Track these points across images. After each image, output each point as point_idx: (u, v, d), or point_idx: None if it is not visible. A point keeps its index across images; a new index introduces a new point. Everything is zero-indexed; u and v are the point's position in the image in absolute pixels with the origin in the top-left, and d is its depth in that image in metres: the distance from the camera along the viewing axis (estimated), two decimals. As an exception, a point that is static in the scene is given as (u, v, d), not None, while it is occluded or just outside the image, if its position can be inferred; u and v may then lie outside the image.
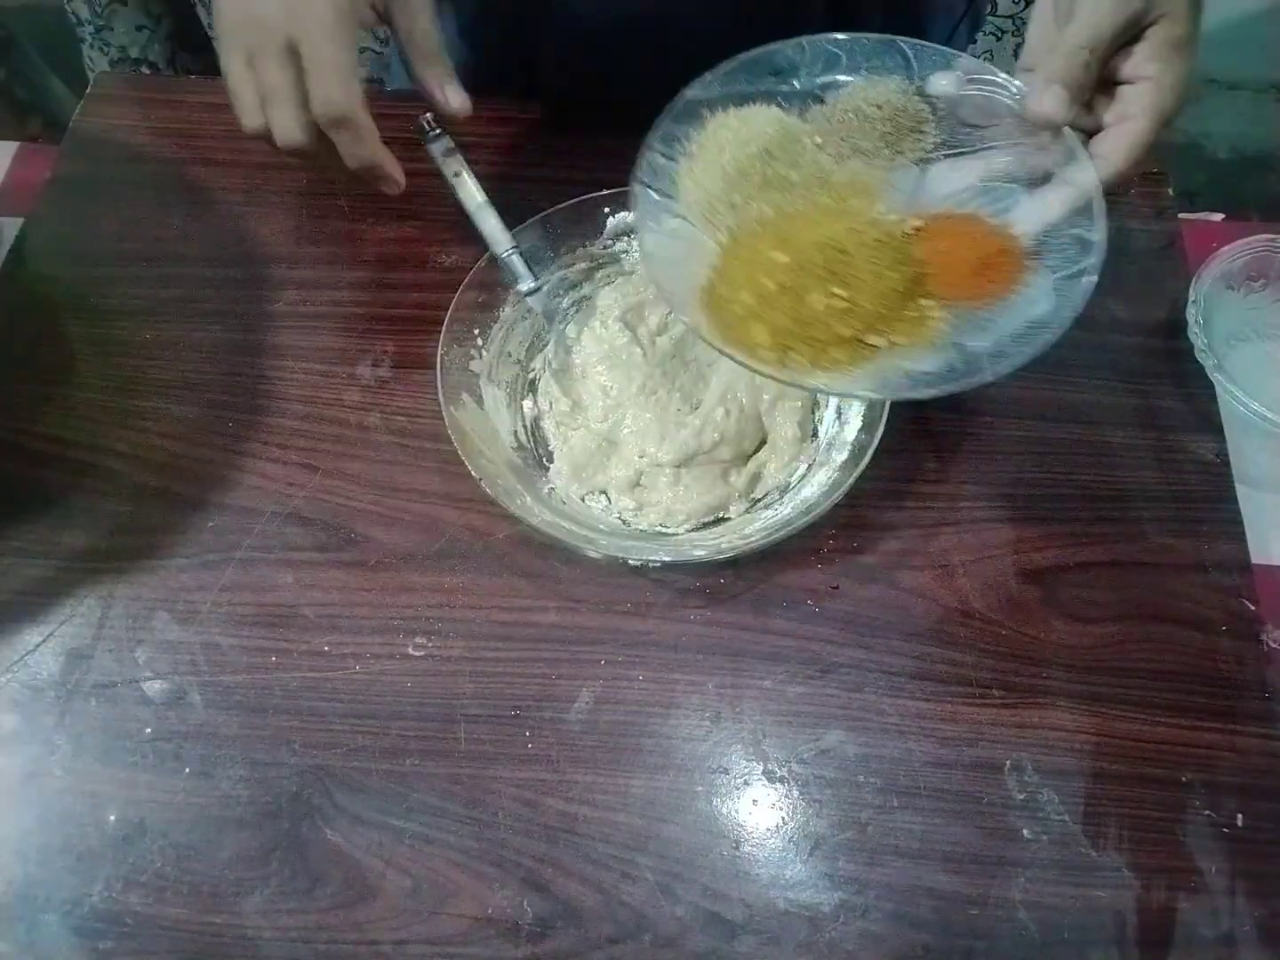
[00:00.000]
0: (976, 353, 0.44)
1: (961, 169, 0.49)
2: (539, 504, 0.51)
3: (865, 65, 0.51)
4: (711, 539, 0.52)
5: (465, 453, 0.49)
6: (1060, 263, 0.46)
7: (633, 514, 0.54)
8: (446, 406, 0.51)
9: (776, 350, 0.44)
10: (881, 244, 0.46)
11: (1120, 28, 0.44)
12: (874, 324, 0.44)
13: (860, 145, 0.50)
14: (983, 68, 0.49)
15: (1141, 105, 0.45)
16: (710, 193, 0.48)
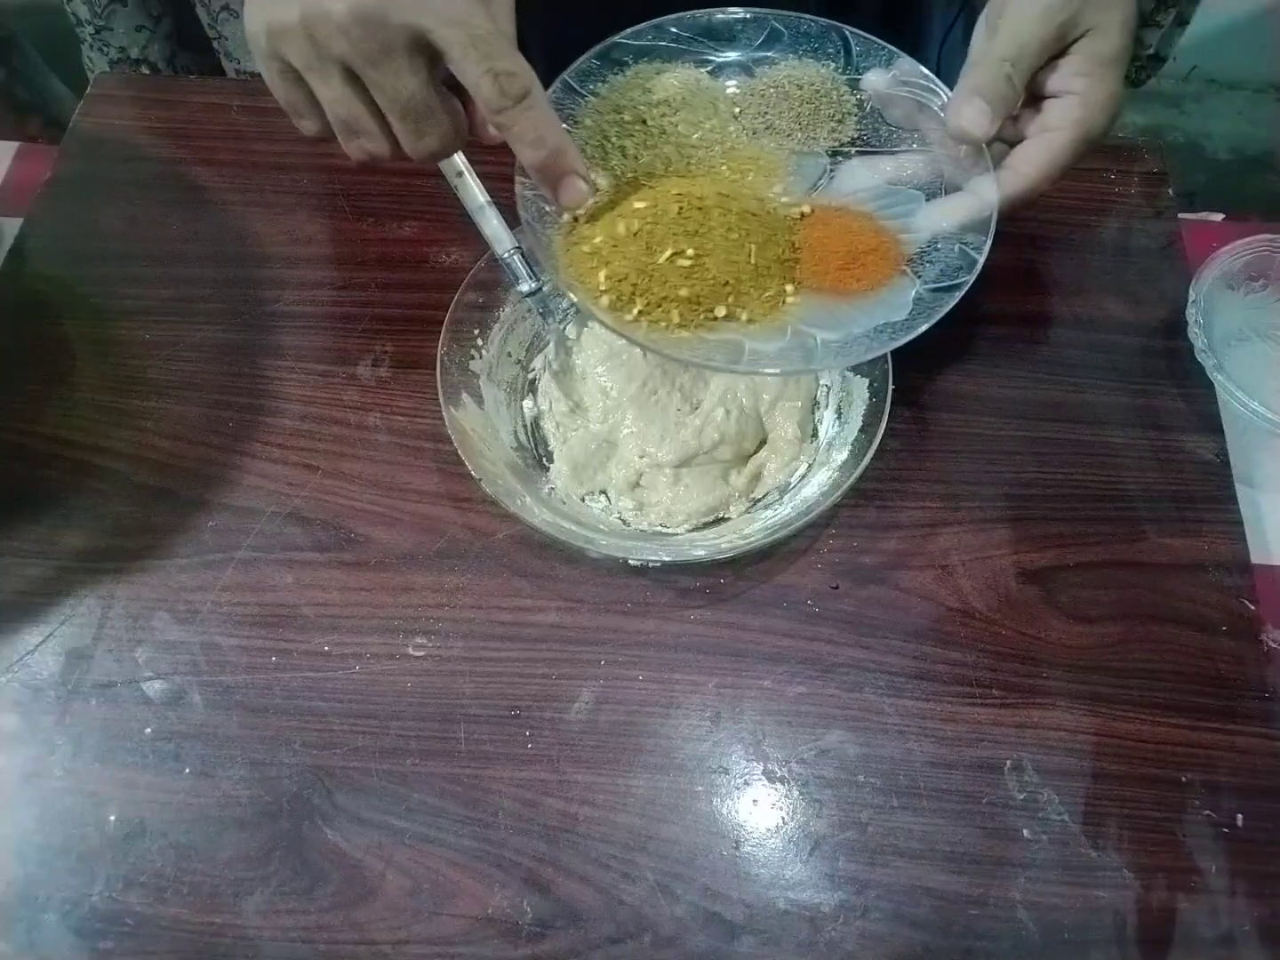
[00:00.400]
0: (815, 344, 0.44)
1: (872, 168, 0.49)
2: (539, 504, 0.51)
3: (804, 47, 0.50)
4: (711, 539, 0.52)
5: (465, 453, 0.49)
6: (936, 275, 0.45)
7: (633, 514, 0.54)
8: (446, 406, 0.50)
9: (613, 295, 0.43)
10: (752, 217, 0.45)
11: (1045, 41, 0.43)
12: (720, 293, 0.44)
13: (775, 123, 0.49)
14: (921, 72, 0.48)
15: (1063, 119, 0.43)
16: (605, 135, 0.47)
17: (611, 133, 0.48)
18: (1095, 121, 0.43)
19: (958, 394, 0.57)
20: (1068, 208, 0.64)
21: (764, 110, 0.49)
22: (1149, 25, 0.72)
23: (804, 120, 0.49)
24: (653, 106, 0.48)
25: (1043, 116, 0.44)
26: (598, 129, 0.48)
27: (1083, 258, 0.63)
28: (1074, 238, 0.63)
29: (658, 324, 0.43)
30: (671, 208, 0.44)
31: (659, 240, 0.44)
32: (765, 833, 0.46)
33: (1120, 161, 0.66)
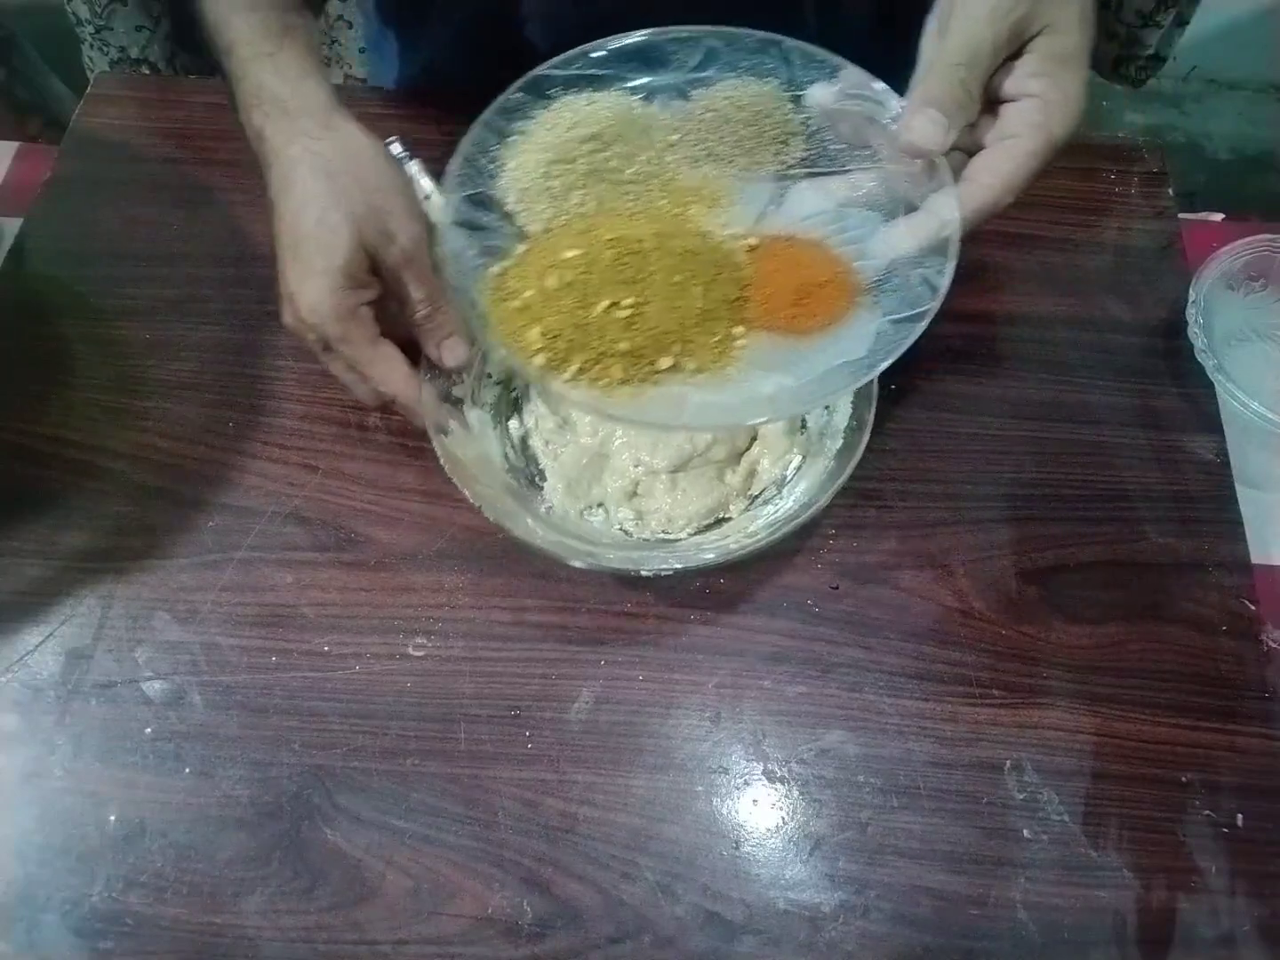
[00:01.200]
0: (763, 391, 0.41)
1: (822, 190, 0.45)
2: (540, 524, 0.50)
3: (743, 64, 0.46)
4: (717, 540, 0.51)
5: (461, 481, 0.47)
6: (898, 304, 0.42)
7: (633, 524, 0.53)
8: (436, 437, 0.48)
9: (548, 353, 0.40)
10: (695, 256, 0.42)
11: (998, 42, 0.40)
12: (664, 342, 0.41)
13: (715, 149, 0.46)
14: (869, 83, 0.44)
15: (1024, 124, 0.40)
16: (532, 175, 0.44)
17: (539, 174, 0.44)
18: (1058, 124, 0.40)
19: (958, 394, 0.57)
20: (1068, 208, 0.64)
21: (703, 136, 0.46)
22: (1149, 25, 0.72)
23: (746, 144, 0.46)
24: (582, 144, 0.44)
25: (1002, 122, 0.41)
26: (524, 170, 0.44)
27: (1083, 258, 0.63)
28: (1074, 238, 0.63)
29: (598, 382, 0.40)
30: (605, 255, 0.41)
31: (594, 291, 0.41)
32: (765, 833, 0.46)
33: (1120, 161, 0.66)
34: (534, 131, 0.45)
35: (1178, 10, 0.71)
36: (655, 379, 0.41)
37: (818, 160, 0.46)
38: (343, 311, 0.44)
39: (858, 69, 0.45)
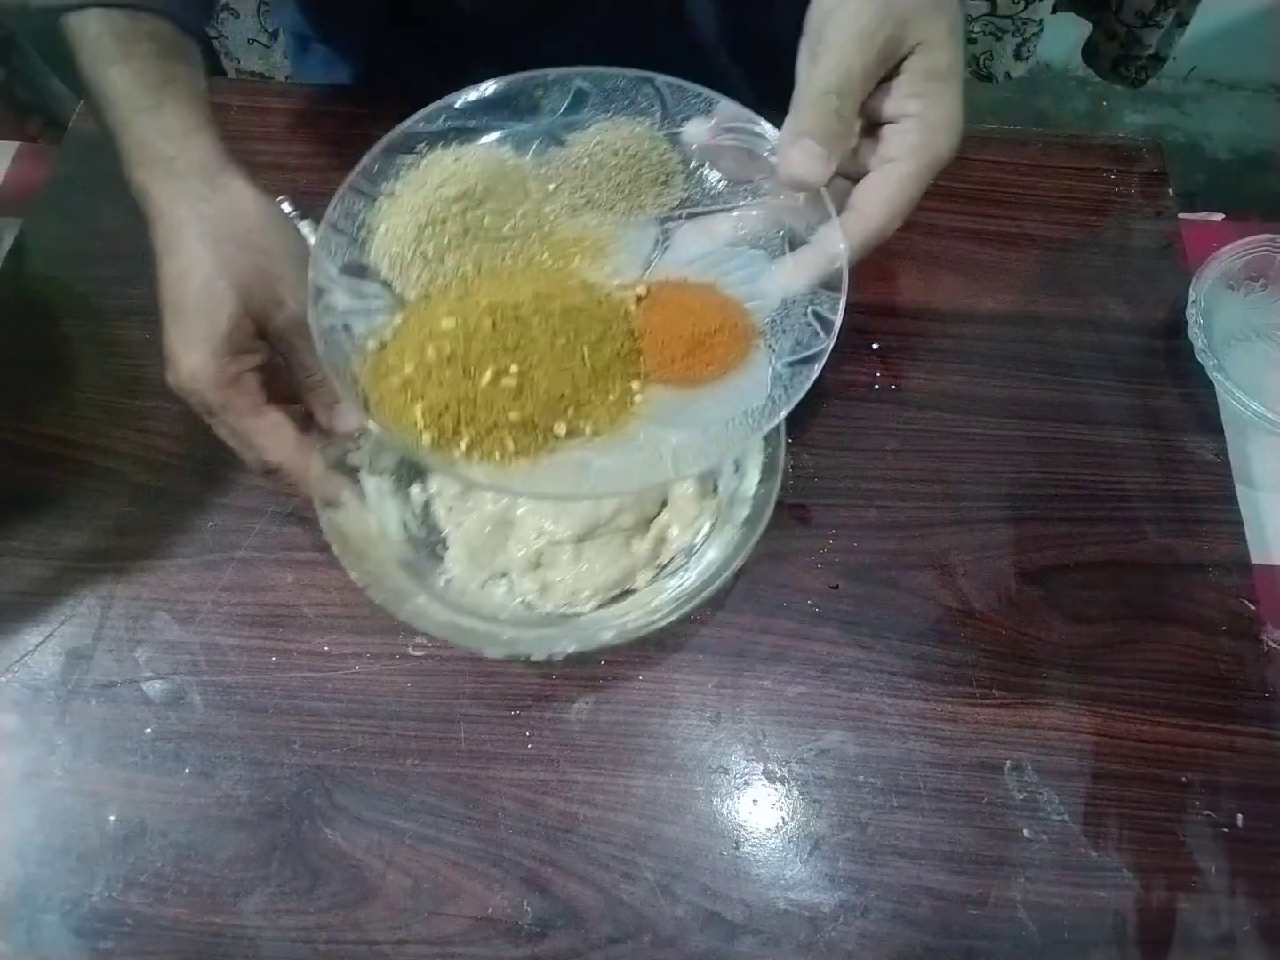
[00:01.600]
0: (669, 449, 0.39)
1: (707, 230, 0.44)
2: (434, 601, 0.47)
3: (615, 104, 0.44)
4: (620, 616, 0.48)
5: (347, 560, 0.45)
6: (792, 345, 0.40)
7: (536, 596, 0.50)
8: (324, 512, 0.46)
9: (434, 431, 0.38)
10: (579, 312, 0.40)
11: (868, 65, 0.38)
12: (557, 408, 0.39)
13: (594, 196, 0.44)
14: (744, 115, 0.43)
15: (903, 146, 0.39)
16: (403, 240, 0.41)
17: (410, 238, 0.42)
18: (939, 144, 0.39)
19: (958, 394, 0.57)
20: (1068, 208, 0.64)
21: (580, 184, 0.44)
22: (1149, 25, 0.72)
23: (625, 188, 0.44)
24: (452, 203, 0.42)
25: (883, 145, 0.40)
26: (395, 235, 0.42)
27: (1083, 258, 0.63)
28: (1074, 238, 0.63)
29: (491, 455, 0.38)
30: (484, 323, 0.39)
31: (476, 361, 0.38)
32: (765, 833, 0.46)
33: (1120, 161, 0.66)
34: (402, 193, 0.42)
35: (1178, 10, 0.71)
36: (552, 446, 0.39)
37: (700, 200, 0.44)
38: (224, 379, 0.42)
39: (733, 102, 0.43)
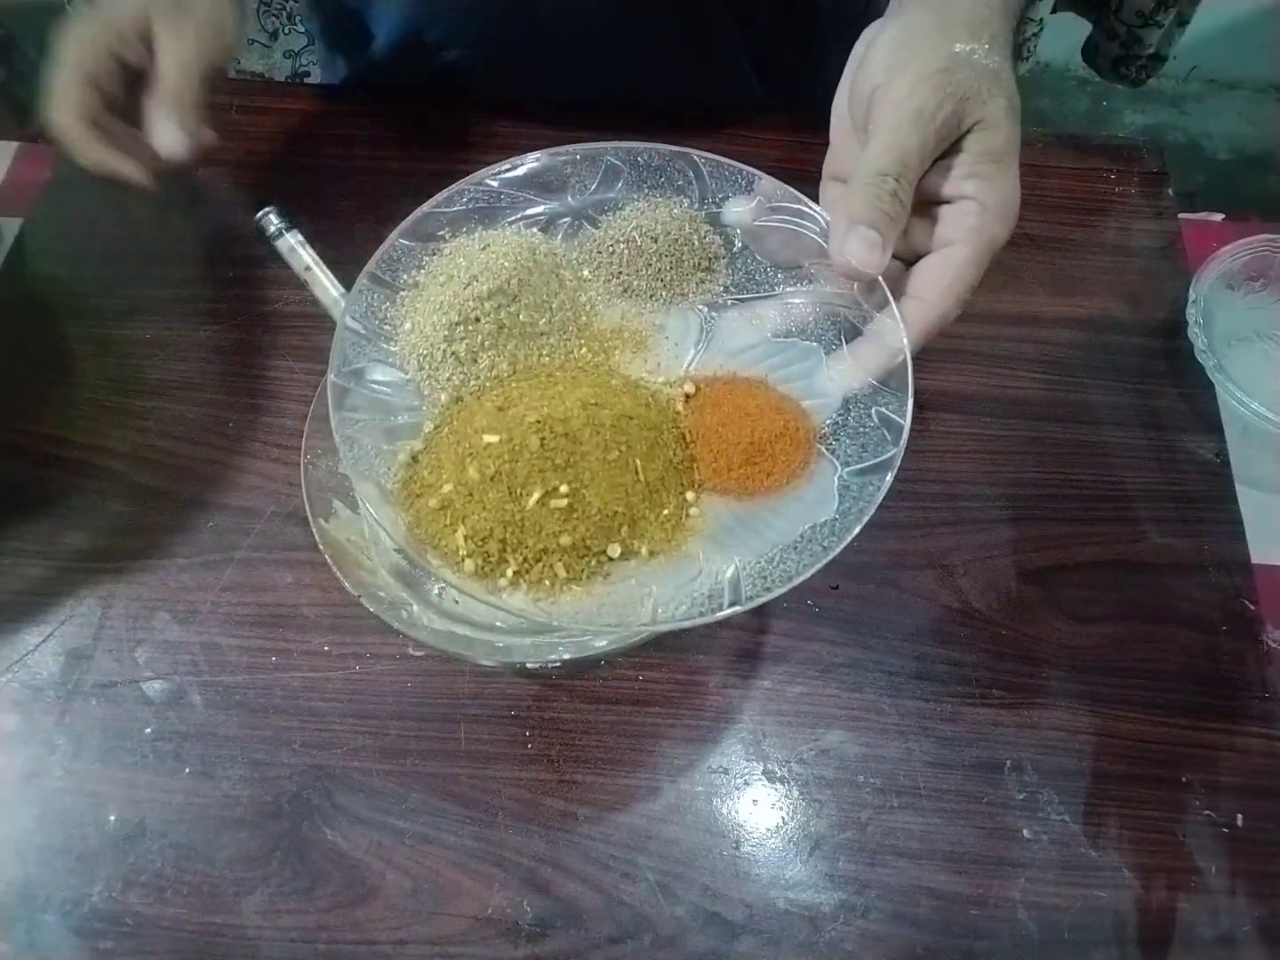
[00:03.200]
0: (724, 575, 0.36)
1: (754, 318, 0.41)
2: (428, 610, 0.46)
3: (649, 182, 0.42)
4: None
5: (341, 569, 0.44)
6: (857, 451, 0.38)
7: None
8: (315, 520, 0.45)
9: (478, 558, 0.35)
10: (629, 420, 0.37)
11: (926, 146, 0.37)
12: (611, 528, 0.36)
13: (632, 284, 0.41)
14: (789, 194, 0.40)
15: (963, 229, 0.37)
16: (432, 340, 0.39)
17: (439, 337, 0.38)
18: (996, 227, 0.38)
19: (958, 394, 0.57)
20: (1068, 208, 0.64)
21: (618, 270, 0.41)
22: (1149, 25, 0.72)
23: (666, 276, 0.41)
24: (485, 300, 0.38)
25: (939, 227, 0.38)
26: (423, 334, 0.39)
27: (1083, 258, 0.63)
28: (1074, 238, 0.63)
29: (540, 583, 0.35)
30: (531, 440, 0.36)
31: (522, 481, 0.35)
32: (765, 833, 0.46)
33: (1120, 161, 0.66)
34: (427, 286, 0.40)
35: (1178, 10, 0.71)
36: (606, 570, 0.36)
37: (745, 285, 0.42)
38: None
39: (772, 179, 0.41)
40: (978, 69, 0.38)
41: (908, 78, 0.37)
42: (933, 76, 0.37)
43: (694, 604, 0.35)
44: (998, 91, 0.38)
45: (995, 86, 0.38)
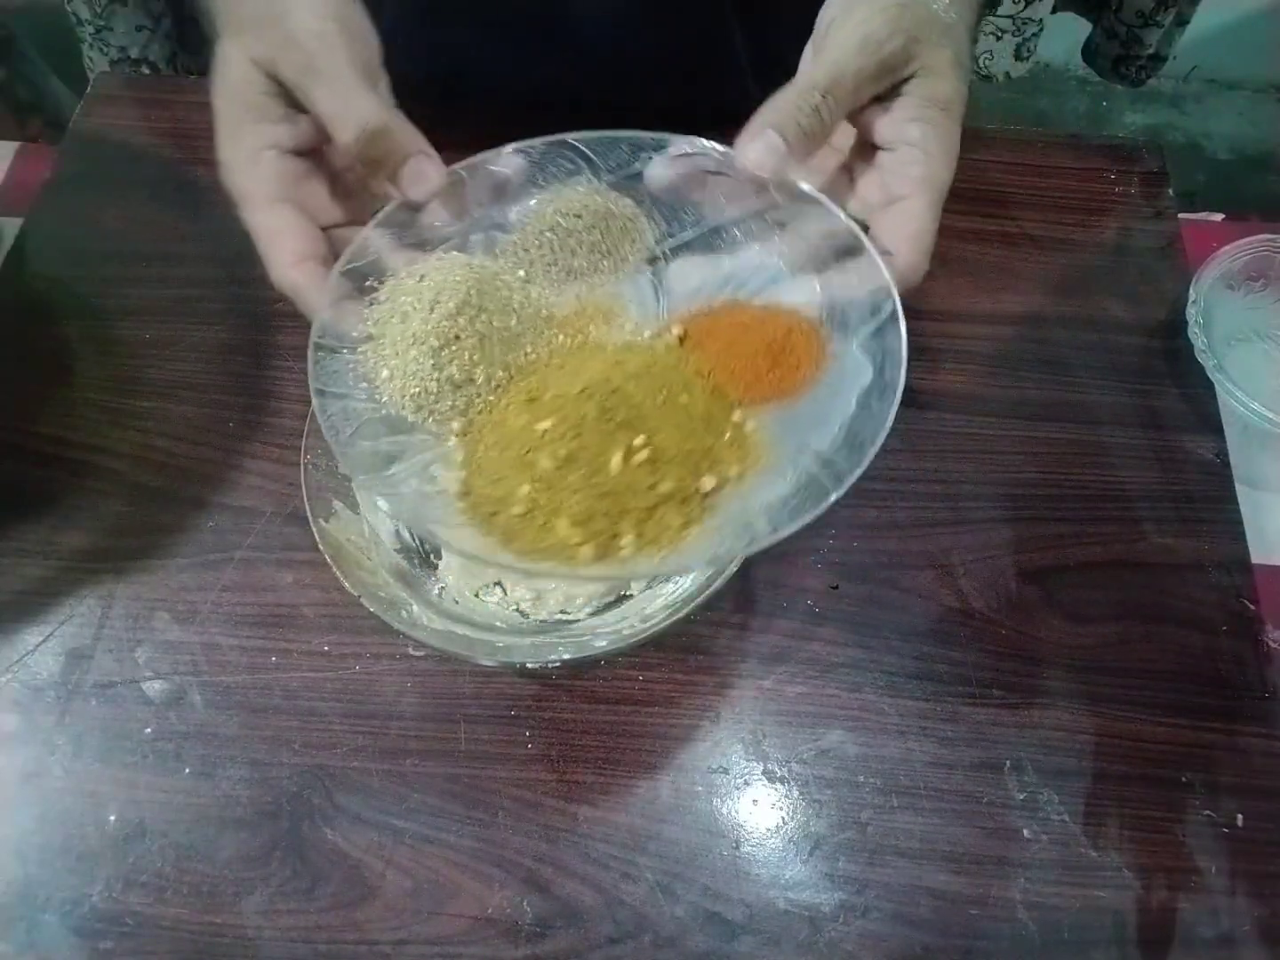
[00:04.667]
0: (824, 453, 0.36)
1: (698, 256, 0.42)
2: (427, 610, 0.46)
3: (540, 175, 0.41)
4: (614, 623, 0.48)
5: (341, 569, 0.44)
6: (857, 322, 0.38)
7: (530, 604, 0.49)
8: (315, 520, 0.45)
9: (593, 543, 0.35)
10: (648, 371, 0.38)
11: (865, 72, 0.37)
12: (695, 464, 0.36)
13: (573, 265, 0.41)
14: (688, 141, 0.41)
15: (912, 180, 0.38)
16: (421, 375, 0.37)
17: (427, 369, 0.37)
18: (942, 173, 0.38)
19: (958, 394, 0.57)
20: (1068, 208, 0.64)
21: (554, 259, 0.41)
22: (1149, 25, 0.72)
23: (601, 246, 0.41)
24: (457, 316, 0.37)
25: (886, 176, 0.39)
26: (407, 376, 0.38)
27: (1083, 258, 0.63)
28: (1074, 238, 0.63)
29: (659, 539, 0.35)
30: (587, 409, 0.35)
31: (599, 450, 0.35)
32: (765, 833, 0.46)
33: (1120, 161, 0.66)
34: (383, 332, 0.38)
35: (1177, 10, 0.71)
36: (709, 504, 0.36)
37: (675, 231, 0.42)
38: (242, 154, 0.37)
39: (673, 135, 0.41)
40: (933, 16, 0.39)
41: (864, 9, 0.38)
42: (887, 9, 0.37)
43: (803, 499, 0.35)
44: (946, 43, 0.39)
45: (945, 38, 0.39)
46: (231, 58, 0.38)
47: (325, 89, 0.37)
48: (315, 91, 0.37)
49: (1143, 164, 0.66)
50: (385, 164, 0.38)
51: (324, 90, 0.37)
